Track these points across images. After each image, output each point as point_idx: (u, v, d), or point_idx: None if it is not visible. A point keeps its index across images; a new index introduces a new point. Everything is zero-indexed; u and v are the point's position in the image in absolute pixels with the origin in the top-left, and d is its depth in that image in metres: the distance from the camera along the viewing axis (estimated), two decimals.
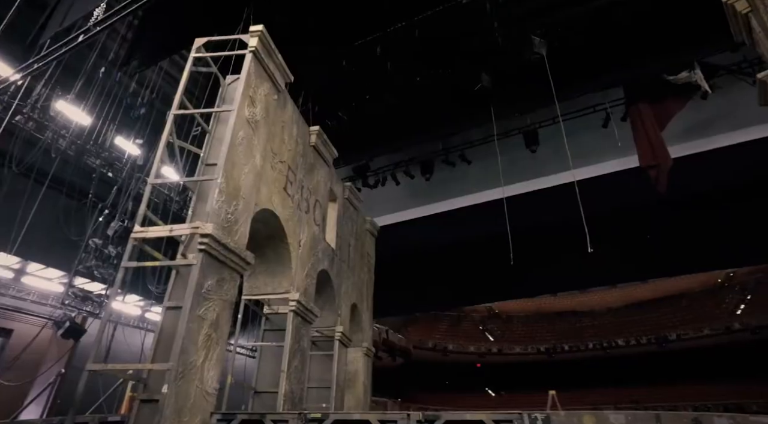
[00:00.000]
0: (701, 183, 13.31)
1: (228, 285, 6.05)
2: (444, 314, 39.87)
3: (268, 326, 9.00)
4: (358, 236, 13.75)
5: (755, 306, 28.90)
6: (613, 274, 17.43)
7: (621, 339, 30.06)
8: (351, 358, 12.82)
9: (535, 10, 11.36)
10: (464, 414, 4.86)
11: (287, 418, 5.03)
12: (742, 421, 4.52)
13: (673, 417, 4.67)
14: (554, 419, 4.72)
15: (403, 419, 4.86)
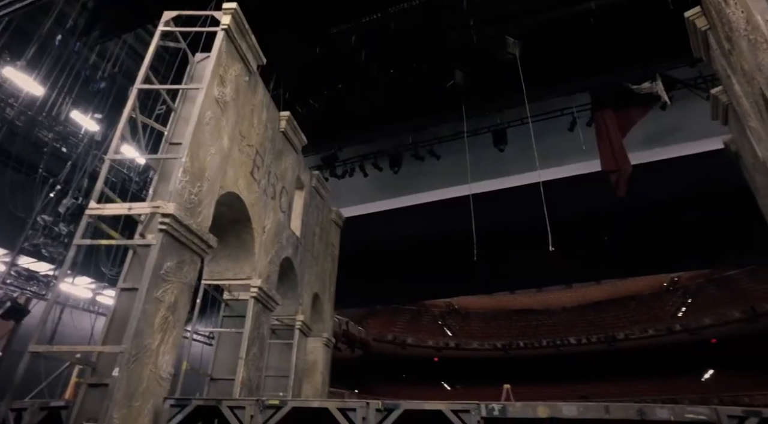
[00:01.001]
0: (656, 191, 13.92)
1: (188, 268, 5.86)
2: (404, 308, 40.23)
3: (228, 312, 8.80)
4: (324, 225, 13.64)
5: (695, 309, 30.63)
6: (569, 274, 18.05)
7: (573, 338, 31.21)
8: (310, 347, 12.76)
9: (511, 11, 11.52)
10: (423, 404, 4.91)
11: (244, 404, 4.94)
12: (679, 411, 4.76)
13: (620, 408, 4.87)
14: (510, 410, 4.83)
15: (363, 407, 4.86)
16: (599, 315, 34.05)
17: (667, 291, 35.21)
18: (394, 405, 4.88)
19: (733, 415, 4.77)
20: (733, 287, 30.87)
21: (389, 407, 4.86)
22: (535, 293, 41.24)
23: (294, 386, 10.24)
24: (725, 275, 32.75)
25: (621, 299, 35.74)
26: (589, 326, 32.70)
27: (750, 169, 10.30)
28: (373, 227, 16.23)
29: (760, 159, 8.30)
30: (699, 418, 4.74)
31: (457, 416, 4.79)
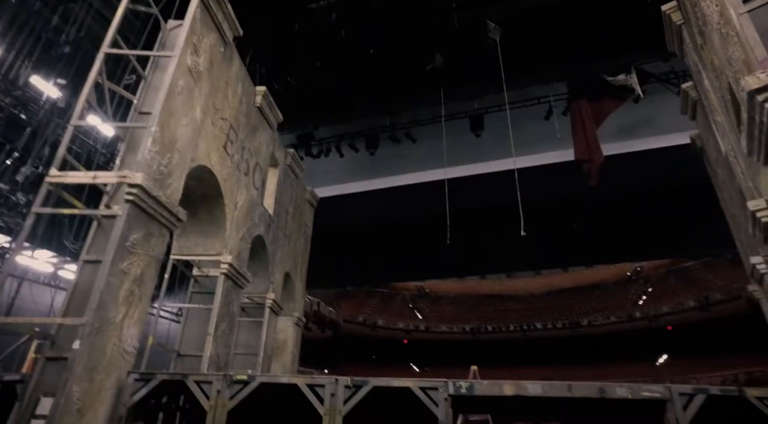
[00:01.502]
0: (625, 181, 14.29)
1: (156, 241, 5.70)
2: (375, 290, 40.53)
3: (197, 288, 8.65)
4: (297, 204, 13.49)
5: (654, 298, 31.96)
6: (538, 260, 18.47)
7: (540, 323, 32.13)
8: (281, 327, 12.71)
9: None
10: (392, 381, 4.96)
11: (211, 379, 4.88)
12: (636, 389, 4.97)
13: (582, 387, 5.04)
14: (477, 388, 4.93)
15: (331, 383, 4.87)
16: (565, 302, 35.11)
17: (629, 280, 36.57)
18: (362, 382, 4.91)
19: (684, 392, 5.01)
20: (690, 277, 32.31)
21: (358, 384, 4.89)
22: (504, 279, 42.17)
23: (263, 364, 10.21)
24: (683, 266, 34.22)
25: (586, 287, 36.94)
26: (555, 312, 33.68)
27: (713, 164, 10.66)
28: (348, 207, 16.16)
29: (723, 154, 8.60)
30: (654, 395, 4.95)
31: (425, 394, 4.86)
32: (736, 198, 8.77)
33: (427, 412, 4.83)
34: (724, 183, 9.83)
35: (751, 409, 5.10)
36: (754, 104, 3.89)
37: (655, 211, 14.93)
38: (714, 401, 5.01)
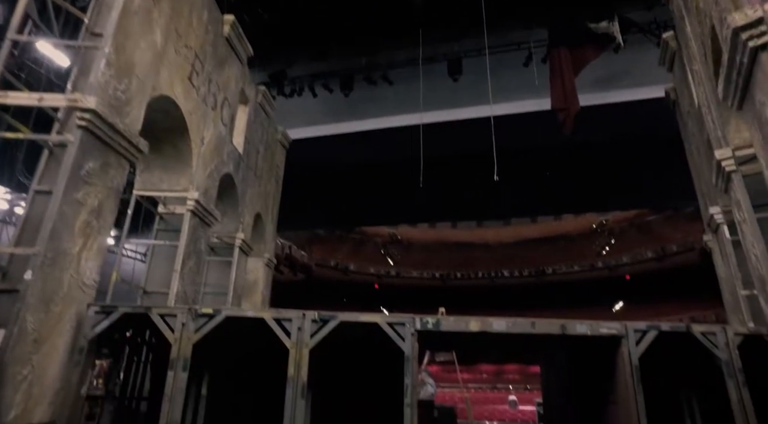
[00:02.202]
0: (599, 132, 14.35)
1: (115, 172, 5.41)
2: (348, 235, 40.77)
3: (163, 226, 8.42)
4: (268, 145, 13.11)
5: (616, 249, 33.33)
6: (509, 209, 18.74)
7: (507, 271, 33.23)
8: (251, 267, 12.69)
9: None
10: (359, 316, 5.01)
11: (176, 312, 4.82)
12: (595, 326, 5.19)
13: (545, 324, 5.23)
14: (444, 324, 5.04)
15: (299, 317, 4.89)
16: (532, 252, 36.22)
17: (594, 232, 37.81)
18: (330, 316, 4.94)
19: (638, 329, 5.25)
20: (650, 230, 33.66)
21: (325, 318, 4.92)
22: (475, 229, 42.95)
23: (233, 304, 10.24)
24: (645, 220, 35.53)
25: (553, 238, 38.06)
26: (522, 260, 34.81)
27: (684, 116, 10.77)
28: (321, 150, 15.82)
29: (695, 106, 8.64)
30: (611, 332, 5.17)
31: (392, 329, 4.94)
32: (703, 150, 8.94)
33: (394, 347, 4.94)
34: (693, 135, 9.98)
35: (696, 344, 5.42)
36: (737, 43, 3.80)
37: (624, 163, 15.16)
38: (664, 336, 5.29)
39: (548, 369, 7.77)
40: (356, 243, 39.91)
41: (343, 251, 36.95)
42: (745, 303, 7.93)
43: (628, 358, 5.13)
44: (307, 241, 34.57)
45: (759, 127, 3.65)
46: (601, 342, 5.50)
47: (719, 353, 5.31)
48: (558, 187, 15.02)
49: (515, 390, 31.16)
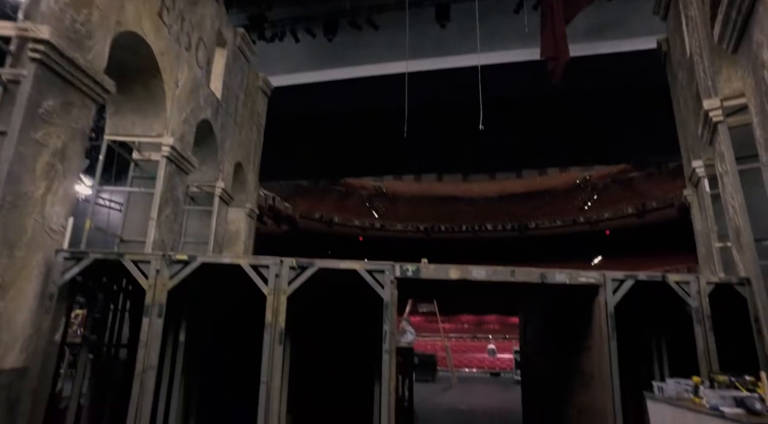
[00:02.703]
0: (588, 83, 14.06)
1: (79, 112, 5.08)
2: (333, 188, 40.56)
3: (138, 173, 8.14)
4: (249, 91, 12.60)
5: (598, 205, 33.80)
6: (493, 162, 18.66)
7: (490, 224, 33.60)
8: (233, 217, 12.54)
9: None
10: (338, 263, 4.94)
11: (149, 259, 4.69)
12: (575, 275, 5.24)
13: (525, 272, 5.24)
14: (424, 271, 5.02)
15: (276, 264, 4.81)
16: (516, 206, 36.56)
17: (578, 188, 38.22)
18: (308, 263, 4.86)
19: (616, 278, 5.31)
20: (632, 187, 34.08)
21: (303, 265, 4.84)
22: (460, 182, 43.05)
23: (213, 253, 10.15)
24: (627, 176, 35.91)
25: (537, 193, 38.39)
26: (506, 215, 35.17)
27: (675, 67, 10.56)
28: (304, 99, 15.31)
29: (687, 56, 8.43)
30: (589, 280, 5.21)
31: (372, 276, 4.90)
32: (691, 102, 8.82)
33: (374, 295, 4.92)
34: (682, 88, 9.83)
35: (670, 293, 5.53)
36: None
37: (611, 116, 14.99)
38: (640, 285, 5.37)
39: (526, 319, 7.95)
40: (341, 195, 39.78)
41: (327, 204, 36.84)
42: (718, 255, 8.16)
43: (604, 306, 5.21)
44: (291, 193, 34.32)
45: (753, 70, 3.52)
46: (579, 291, 5.58)
47: (691, 301, 5.43)
48: (543, 140, 14.88)
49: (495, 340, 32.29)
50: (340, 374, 6.16)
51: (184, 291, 5.25)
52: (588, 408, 5.43)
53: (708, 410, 3.82)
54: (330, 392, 6.20)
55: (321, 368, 6.24)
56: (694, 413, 3.98)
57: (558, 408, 6.25)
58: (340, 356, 6.22)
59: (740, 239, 5.85)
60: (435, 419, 8.64)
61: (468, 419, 8.88)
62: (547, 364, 6.83)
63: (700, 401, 4.06)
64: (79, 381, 5.03)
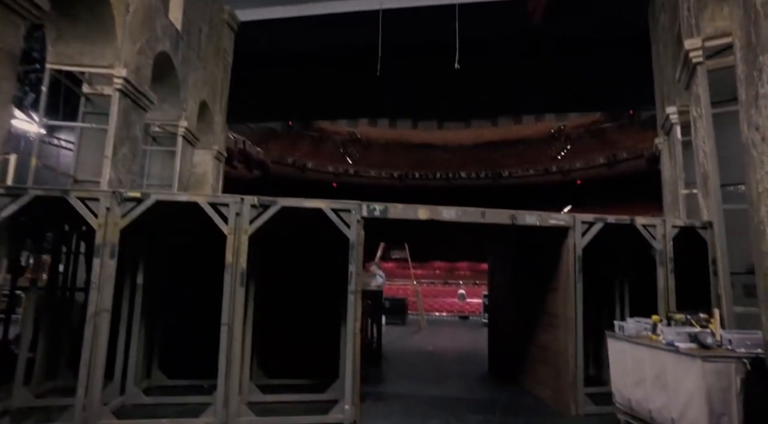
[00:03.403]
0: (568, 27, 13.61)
1: (5, 30, 4.52)
2: (306, 133, 39.56)
3: (90, 108, 7.57)
4: (213, 25, 11.72)
5: (571, 154, 34.09)
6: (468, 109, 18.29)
7: (464, 172, 33.63)
8: (200, 160, 12.09)
9: None
10: (303, 202, 4.73)
11: (98, 196, 4.37)
12: (545, 217, 5.19)
13: (495, 214, 5.16)
14: (392, 211, 4.87)
15: (236, 202, 4.56)
16: (490, 154, 36.56)
17: (552, 137, 38.32)
18: (270, 201, 4.64)
19: (586, 221, 5.29)
20: (605, 137, 34.37)
21: (265, 203, 4.62)
22: (435, 130, 42.53)
23: None
24: (600, 127, 36.12)
25: (512, 141, 38.34)
26: (479, 163, 35.19)
27: (657, 11, 10.28)
28: (274, 36, 14.38)
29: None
30: (559, 223, 5.18)
31: (338, 215, 4.73)
32: (671, 45, 8.64)
33: (342, 236, 4.76)
34: (664, 30, 9.60)
35: (636, 237, 5.58)
36: None
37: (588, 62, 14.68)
38: (608, 228, 5.38)
39: (495, 263, 8.02)
40: (315, 141, 38.91)
41: (301, 149, 36.03)
42: (683, 202, 8.36)
43: (573, 249, 5.22)
44: (263, 137, 33.30)
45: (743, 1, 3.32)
46: (548, 234, 5.57)
47: (656, 244, 5.50)
48: (519, 86, 14.54)
49: (465, 285, 33.24)
50: (308, 315, 6.12)
51: (141, 231, 4.99)
52: (550, 347, 5.58)
53: (664, 346, 3.92)
54: (297, 334, 6.18)
55: (288, 309, 6.18)
56: (651, 349, 4.09)
57: (522, 347, 6.44)
58: (307, 297, 6.16)
59: (707, 183, 5.88)
60: (403, 360, 8.87)
61: (434, 359, 9.17)
62: (514, 306, 6.96)
63: (658, 338, 4.17)
64: (27, 326, 4.82)
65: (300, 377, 6.05)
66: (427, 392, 6.01)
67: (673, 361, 3.79)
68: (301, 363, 6.12)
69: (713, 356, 3.55)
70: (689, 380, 3.62)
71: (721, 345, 3.79)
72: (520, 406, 5.38)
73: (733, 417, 3.49)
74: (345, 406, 4.51)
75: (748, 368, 3.49)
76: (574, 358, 5.05)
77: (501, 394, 5.94)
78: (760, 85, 3.24)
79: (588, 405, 5.02)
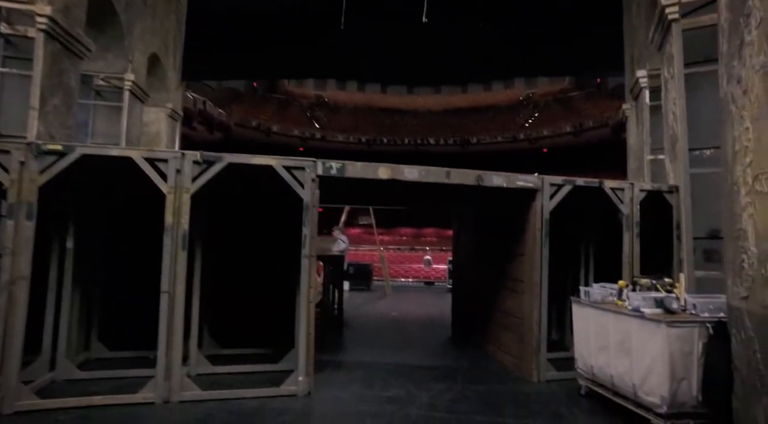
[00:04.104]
0: None
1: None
2: (272, 95, 38.15)
3: (12, 52, 6.69)
4: None
5: (539, 122, 34.24)
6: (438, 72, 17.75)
7: (433, 139, 33.29)
8: (152, 118, 11.32)
9: None
10: (251, 158, 4.29)
11: (8, 148, 3.79)
12: (512, 178, 4.95)
13: (460, 174, 4.87)
14: (350, 169, 4.49)
15: (177, 158, 4.08)
16: (459, 121, 36.29)
17: (520, 105, 38.32)
18: (215, 157, 4.18)
19: (554, 183, 5.08)
20: (572, 106, 34.63)
21: (209, 160, 4.15)
22: (405, 95, 41.82)
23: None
24: (568, 95, 36.34)
25: (481, 108, 38.16)
26: (448, 129, 34.89)
27: None
28: None
29: None
30: (527, 185, 4.95)
31: (290, 173, 4.32)
32: (645, 7, 8.42)
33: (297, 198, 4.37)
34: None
35: (603, 201, 5.44)
36: None
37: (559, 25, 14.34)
38: (577, 191, 5.19)
39: (459, 227, 7.83)
40: (281, 104, 37.59)
41: (266, 112, 34.74)
42: (648, 168, 8.34)
43: (540, 212, 5.02)
44: (226, 99, 31.84)
45: None
46: (515, 196, 5.34)
47: (623, 208, 5.37)
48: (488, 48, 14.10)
49: (432, 251, 33.50)
50: (265, 281, 5.77)
51: (68, 189, 4.46)
52: (515, 312, 5.45)
53: (629, 312, 3.80)
54: (253, 301, 5.84)
55: (244, 275, 5.81)
56: (616, 314, 3.96)
57: (485, 313, 6.32)
58: (265, 262, 5.79)
59: (675, 147, 5.75)
60: (366, 326, 8.70)
61: (397, 325, 9.04)
62: (478, 271, 6.81)
63: (623, 303, 4.05)
64: None
65: (255, 347, 5.75)
66: (388, 359, 5.83)
67: (638, 326, 3.68)
68: (257, 331, 5.80)
69: (677, 321, 3.44)
70: (653, 345, 3.51)
71: (686, 310, 3.69)
72: (482, 372, 5.27)
73: (693, 382, 3.41)
74: (299, 377, 4.25)
75: (710, 333, 3.40)
76: (538, 324, 4.93)
77: (463, 360, 5.82)
78: (747, 32, 2.98)
79: (550, 371, 4.95)
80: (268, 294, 5.69)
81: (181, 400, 3.99)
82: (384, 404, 4.06)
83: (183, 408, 3.87)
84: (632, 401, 3.74)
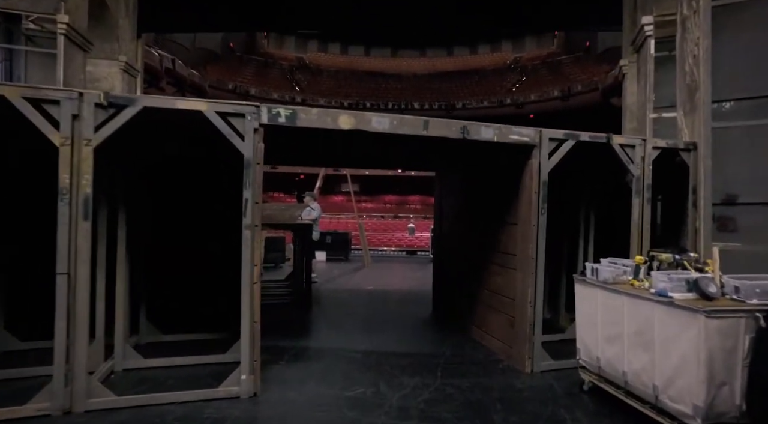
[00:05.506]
0: None
1: None
2: (251, 57, 36.26)
3: None
4: None
5: (526, 87, 33.15)
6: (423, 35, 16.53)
7: (417, 103, 32.04)
8: (103, 73, 10.21)
9: None
10: (175, 102, 3.32)
11: None
12: (505, 131, 4.07)
13: (442, 124, 3.96)
14: (303, 117, 3.55)
15: (72, 99, 3.05)
16: (445, 85, 35.00)
17: (508, 69, 37.05)
18: (126, 100, 3.20)
19: (555, 138, 4.23)
20: (560, 70, 33.55)
21: (118, 103, 3.18)
22: (389, 58, 40.18)
23: None
24: (556, 59, 35.20)
25: (467, 72, 36.81)
26: (433, 93, 33.63)
27: None
28: None
29: None
30: (522, 139, 4.07)
31: (226, 121, 3.38)
32: None
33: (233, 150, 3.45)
34: None
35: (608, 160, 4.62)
36: None
37: None
38: (580, 147, 4.35)
39: (442, 192, 6.97)
40: (260, 66, 35.78)
41: (244, 75, 33.00)
42: (650, 126, 7.61)
43: (537, 172, 4.17)
44: (200, 60, 30.01)
45: None
46: (508, 153, 4.49)
47: (633, 169, 4.56)
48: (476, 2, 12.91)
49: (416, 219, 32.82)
50: (214, 257, 4.89)
51: None
52: (505, 291, 4.69)
53: (651, 295, 3.03)
54: (200, 279, 4.98)
55: (190, 248, 4.93)
56: (632, 298, 3.19)
57: (471, 290, 5.55)
58: (213, 234, 4.90)
59: (695, 97, 4.91)
60: (338, 303, 7.89)
61: (373, 301, 8.27)
62: (463, 243, 6.00)
63: (641, 284, 3.28)
64: None
65: (203, 331, 4.93)
66: (357, 345, 5.05)
67: (663, 315, 2.91)
68: (205, 314, 4.97)
69: (719, 310, 2.67)
70: (684, 339, 2.75)
71: (725, 294, 2.93)
72: (466, 362, 4.52)
73: (736, 387, 2.68)
74: (241, 376, 3.43)
75: (761, 325, 2.65)
76: (532, 306, 4.17)
77: (445, 346, 5.06)
78: None
79: (545, 360, 4.23)
80: (219, 271, 4.82)
81: (87, 409, 3.15)
82: (344, 409, 3.28)
83: (86, 421, 3.03)
84: (651, 406, 3.02)
